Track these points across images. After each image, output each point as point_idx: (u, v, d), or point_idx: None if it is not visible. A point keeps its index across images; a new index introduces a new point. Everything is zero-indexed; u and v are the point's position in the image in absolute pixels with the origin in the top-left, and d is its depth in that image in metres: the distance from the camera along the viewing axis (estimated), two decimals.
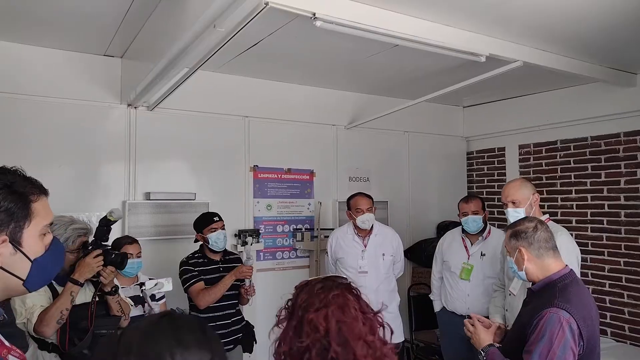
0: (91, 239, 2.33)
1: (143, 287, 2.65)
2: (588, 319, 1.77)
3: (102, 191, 3.52)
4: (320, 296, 1.17)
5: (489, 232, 3.40)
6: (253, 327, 3.23)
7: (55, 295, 2.21)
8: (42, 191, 1.14)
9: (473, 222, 3.33)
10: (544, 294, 1.85)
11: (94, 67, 3.55)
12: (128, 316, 2.40)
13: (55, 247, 1.16)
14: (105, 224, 2.30)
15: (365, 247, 3.46)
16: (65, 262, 2.28)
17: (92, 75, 3.54)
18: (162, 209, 3.66)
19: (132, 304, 2.56)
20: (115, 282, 2.37)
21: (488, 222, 3.46)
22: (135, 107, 3.64)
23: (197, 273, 2.97)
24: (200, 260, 3.04)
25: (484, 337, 1.96)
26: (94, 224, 2.38)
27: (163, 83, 3.06)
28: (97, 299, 2.26)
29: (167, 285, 2.64)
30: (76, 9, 2.80)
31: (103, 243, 2.29)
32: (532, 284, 1.97)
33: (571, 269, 1.92)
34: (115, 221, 2.31)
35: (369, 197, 3.51)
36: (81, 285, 2.18)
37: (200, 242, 3.10)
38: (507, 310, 2.61)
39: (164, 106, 3.61)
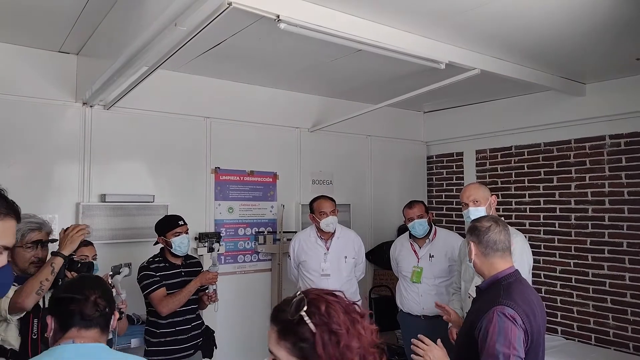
0: (51, 237, 2.36)
1: (116, 276, 2.58)
2: (531, 315, 1.84)
3: (55, 192, 3.38)
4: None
5: (435, 234, 3.49)
6: (213, 332, 3.17)
7: None
8: (11, 214, 1.10)
9: (419, 225, 3.41)
10: (490, 292, 1.94)
11: (48, 63, 3.41)
12: None
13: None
14: None
15: (328, 250, 3.47)
16: (22, 260, 2.21)
17: (45, 72, 3.39)
18: (119, 211, 3.55)
19: None
20: None
21: (433, 224, 3.56)
22: (90, 106, 3.51)
23: (158, 278, 2.88)
24: (161, 265, 2.95)
25: (439, 355, 1.91)
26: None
27: (121, 81, 2.97)
28: None
29: (130, 269, 2.69)
30: (30, 2, 2.68)
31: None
32: (482, 282, 2.05)
33: (516, 269, 2.01)
34: None
35: (332, 199, 3.52)
36: (64, 257, 2.14)
37: (161, 246, 3.02)
38: (466, 312, 2.68)
39: (121, 105, 3.51)
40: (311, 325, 1.03)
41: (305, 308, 1.04)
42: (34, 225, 2.29)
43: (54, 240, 2.42)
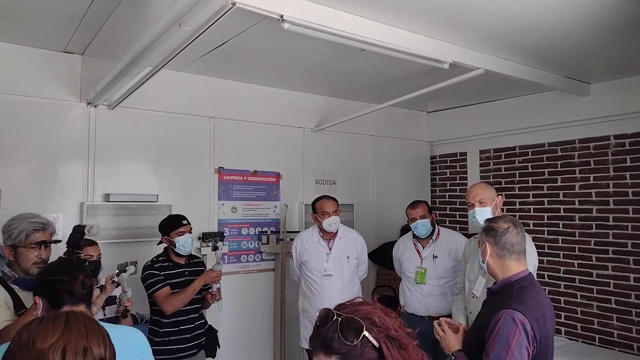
0: (54, 237, 2.35)
1: (122, 274, 2.58)
2: (541, 321, 1.82)
3: (59, 192, 3.39)
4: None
5: (438, 234, 3.48)
6: (216, 331, 3.18)
7: (16, 299, 2.11)
8: None
9: (422, 226, 3.39)
10: (502, 295, 1.91)
11: (53, 63, 3.42)
12: None
13: None
14: (81, 231, 2.38)
15: (331, 250, 3.47)
16: (25, 260, 2.20)
17: (50, 72, 3.41)
18: (123, 211, 3.56)
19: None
20: None
21: (437, 224, 3.55)
22: (95, 106, 3.52)
23: (162, 277, 2.89)
24: (165, 264, 2.96)
25: (453, 343, 1.99)
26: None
27: (125, 81, 2.98)
28: None
29: (136, 267, 2.71)
30: (36, 2, 2.69)
31: (76, 250, 2.32)
32: (493, 284, 2.03)
33: (530, 272, 1.99)
34: (87, 234, 2.43)
35: (335, 199, 3.52)
36: None
37: (165, 245, 3.03)
38: (470, 312, 2.67)
39: (125, 105, 3.52)
40: (374, 342, 1.00)
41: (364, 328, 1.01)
42: (38, 226, 2.26)
43: (58, 241, 2.41)
